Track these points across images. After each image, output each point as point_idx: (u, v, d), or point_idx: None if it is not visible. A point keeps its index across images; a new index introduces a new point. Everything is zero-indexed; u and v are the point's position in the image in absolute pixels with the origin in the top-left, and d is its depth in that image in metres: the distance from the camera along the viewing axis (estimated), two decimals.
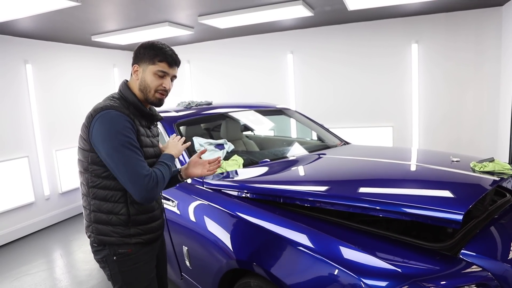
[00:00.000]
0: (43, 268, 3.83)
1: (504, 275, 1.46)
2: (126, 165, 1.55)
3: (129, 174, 1.55)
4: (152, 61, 1.69)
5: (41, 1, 3.15)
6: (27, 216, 4.89)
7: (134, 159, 1.57)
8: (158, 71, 1.70)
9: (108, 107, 1.60)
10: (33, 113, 4.95)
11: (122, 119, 1.59)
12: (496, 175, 2.01)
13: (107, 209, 1.67)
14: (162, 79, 1.72)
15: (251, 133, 4.00)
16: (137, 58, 1.73)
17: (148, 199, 1.59)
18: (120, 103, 1.67)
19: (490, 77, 4.74)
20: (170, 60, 1.71)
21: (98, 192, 1.67)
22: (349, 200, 1.78)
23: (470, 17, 4.70)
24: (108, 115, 1.58)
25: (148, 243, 1.78)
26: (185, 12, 4.15)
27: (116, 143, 1.55)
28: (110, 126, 1.57)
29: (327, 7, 4.26)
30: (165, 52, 1.70)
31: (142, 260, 1.77)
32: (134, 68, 1.74)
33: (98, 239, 1.70)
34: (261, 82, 5.93)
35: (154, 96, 1.73)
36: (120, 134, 1.56)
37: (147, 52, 1.70)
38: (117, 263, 1.71)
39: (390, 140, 5.24)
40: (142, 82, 1.72)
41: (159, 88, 1.72)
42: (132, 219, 1.70)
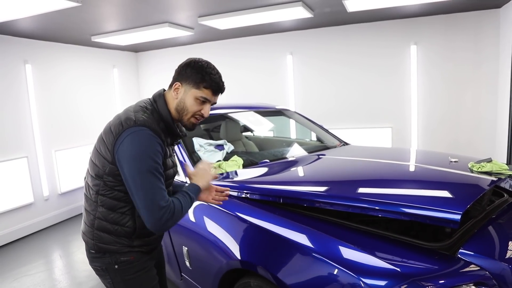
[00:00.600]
0: (42, 269, 3.83)
1: (502, 274, 1.48)
2: (147, 192, 1.46)
3: (147, 202, 1.46)
4: (197, 85, 1.59)
5: (41, 1, 3.16)
6: (26, 216, 4.89)
7: (156, 188, 1.47)
8: (201, 97, 1.60)
9: (142, 123, 1.50)
10: (32, 113, 4.95)
11: (154, 142, 1.49)
12: (494, 176, 2.03)
13: (113, 219, 1.61)
14: (202, 105, 1.62)
15: (251, 134, 4.01)
16: (181, 76, 1.62)
17: (159, 230, 1.50)
18: (152, 118, 1.57)
19: (488, 79, 4.76)
20: (216, 88, 1.62)
21: (107, 201, 1.60)
22: (348, 200, 1.80)
23: (468, 19, 4.73)
24: (141, 134, 1.48)
25: (148, 252, 1.75)
26: (185, 13, 4.16)
27: (143, 167, 1.46)
28: (141, 148, 1.47)
29: (326, 9, 4.28)
30: (213, 79, 1.60)
31: (145, 267, 1.72)
32: (175, 86, 1.62)
33: (98, 247, 1.64)
34: (260, 83, 5.94)
35: (189, 120, 1.64)
36: (150, 159, 1.47)
37: (194, 74, 1.59)
38: (120, 271, 1.65)
39: (389, 141, 5.26)
40: (180, 103, 1.61)
41: (197, 113, 1.63)
42: (137, 232, 1.64)
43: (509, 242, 1.70)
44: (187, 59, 1.66)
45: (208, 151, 2.83)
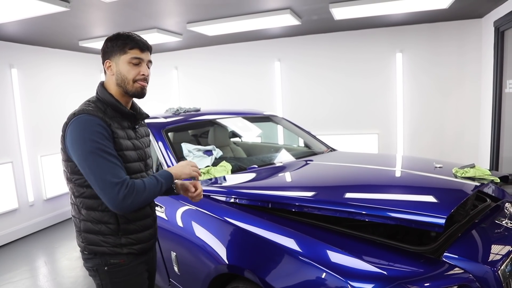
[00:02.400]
0: (26, 276, 3.77)
1: (485, 277, 1.51)
2: (95, 173, 1.46)
3: (99, 182, 1.46)
4: (123, 50, 1.61)
5: (29, 5, 3.14)
6: (11, 222, 4.80)
7: (104, 166, 1.46)
8: (132, 58, 1.61)
9: (80, 112, 1.53)
10: (18, 118, 4.88)
11: (92, 123, 1.50)
12: (477, 181, 2.07)
13: (96, 218, 1.60)
14: (138, 66, 1.63)
15: (239, 140, 4.02)
16: (107, 53, 1.65)
17: (122, 209, 1.47)
18: (95, 106, 1.59)
19: (471, 87, 4.87)
20: (141, 45, 1.64)
21: (85, 202, 1.60)
22: (336, 205, 1.82)
23: (452, 28, 4.84)
24: (79, 121, 1.51)
25: (141, 253, 1.72)
26: (174, 19, 4.17)
27: (85, 149, 1.47)
28: (79, 132, 1.49)
29: (314, 16, 4.34)
30: (134, 39, 1.63)
31: (135, 272, 1.70)
32: (107, 64, 1.65)
33: (89, 249, 1.64)
34: (249, 89, 5.97)
35: (133, 86, 1.64)
36: (89, 140, 1.47)
37: (115, 44, 1.62)
38: (109, 273, 1.64)
39: (376, 147, 5.32)
40: (118, 75, 1.63)
41: (137, 77, 1.63)
42: (122, 228, 1.63)
43: (492, 246, 1.74)
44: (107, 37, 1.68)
45: (196, 156, 2.83)
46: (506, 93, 4.16)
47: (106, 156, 1.48)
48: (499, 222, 1.89)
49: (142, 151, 1.74)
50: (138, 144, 1.73)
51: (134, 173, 1.64)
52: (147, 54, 1.67)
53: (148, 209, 1.76)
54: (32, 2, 3.05)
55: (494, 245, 1.74)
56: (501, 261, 1.58)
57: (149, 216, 1.76)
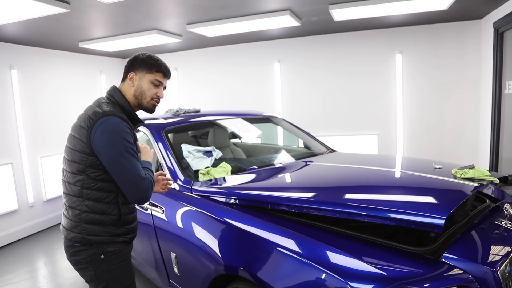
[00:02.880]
0: (26, 277, 3.77)
1: (484, 277, 1.51)
2: (130, 170, 1.65)
3: (133, 177, 1.65)
4: (150, 70, 1.83)
5: (29, 7, 3.14)
6: (10, 223, 4.80)
7: (136, 164, 1.68)
8: (155, 80, 1.85)
9: (109, 113, 1.69)
10: (18, 119, 4.89)
11: (124, 126, 1.69)
12: (476, 182, 2.07)
13: (100, 209, 1.72)
14: (157, 88, 1.87)
15: (239, 141, 4.03)
16: (134, 67, 1.85)
17: (144, 200, 1.71)
18: (116, 108, 1.77)
19: (471, 88, 4.88)
20: (166, 71, 1.88)
21: (93, 194, 1.71)
22: (335, 206, 1.82)
23: (452, 29, 4.85)
24: (112, 122, 1.67)
25: (130, 241, 1.89)
26: (173, 20, 4.18)
27: (122, 149, 1.64)
28: (114, 132, 1.66)
29: (313, 18, 4.34)
30: (161, 64, 1.87)
31: (127, 259, 1.86)
32: (130, 76, 1.84)
33: (86, 239, 1.72)
34: (248, 90, 5.97)
35: (149, 103, 1.87)
36: (124, 140, 1.66)
37: (145, 62, 1.84)
38: (105, 261, 1.76)
39: (375, 148, 5.33)
40: (138, 89, 1.84)
41: (154, 96, 1.86)
42: (122, 219, 1.78)
43: (491, 246, 1.74)
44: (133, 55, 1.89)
45: (196, 157, 2.83)
46: (505, 94, 4.17)
47: (135, 155, 1.70)
48: (499, 223, 1.89)
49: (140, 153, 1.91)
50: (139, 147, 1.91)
51: None
52: (166, 80, 1.93)
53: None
54: (32, 4, 3.05)
55: (494, 245, 1.74)
56: (501, 261, 1.58)
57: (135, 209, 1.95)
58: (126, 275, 1.85)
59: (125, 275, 1.84)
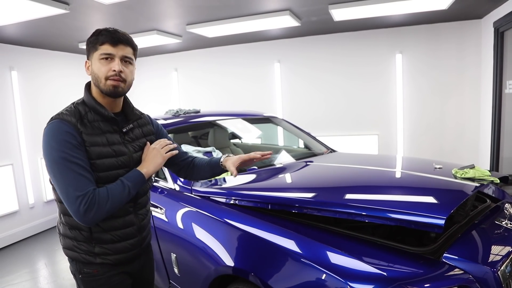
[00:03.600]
0: (27, 278, 3.77)
1: (485, 278, 1.51)
2: (60, 183, 1.39)
3: (62, 193, 1.39)
4: (95, 47, 1.49)
5: (28, 8, 3.15)
6: (11, 225, 4.81)
7: (68, 177, 1.37)
8: (102, 54, 1.47)
9: (55, 117, 1.47)
10: (18, 120, 4.89)
11: (61, 131, 1.41)
12: (477, 181, 2.07)
13: (69, 223, 1.53)
14: (109, 63, 1.48)
15: (239, 141, 4.03)
16: (87, 53, 1.55)
17: (85, 222, 1.39)
18: (74, 110, 1.50)
19: (471, 88, 4.87)
20: (113, 38, 1.47)
21: (61, 206, 1.53)
22: (335, 206, 1.82)
23: (452, 29, 4.84)
24: (50, 127, 1.44)
25: (117, 264, 1.59)
26: (173, 21, 4.18)
27: (51, 158, 1.39)
28: (48, 139, 1.42)
29: (313, 18, 4.34)
30: (106, 33, 1.48)
31: (110, 283, 1.58)
32: (86, 65, 1.56)
33: (66, 252, 1.59)
34: (248, 90, 5.97)
35: (106, 84, 1.49)
36: (55, 149, 1.39)
37: (90, 41, 1.51)
38: (82, 281, 1.58)
39: (376, 148, 5.33)
40: (92, 74, 1.52)
41: (108, 74, 1.48)
42: (94, 236, 1.52)
43: (492, 247, 1.74)
44: None
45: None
46: (506, 94, 4.16)
47: (71, 166, 1.38)
48: (499, 223, 1.89)
49: (127, 158, 1.57)
50: (122, 150, 1.56)
51: (111, 182, 1.49)
52: (121, 48, 1.49)
53: (132, 218, 1.61)
54: (32, 5, 3.05)
55: (494, 245, 1.74)
56: (501, 261, 1.58)
57: (131, 225, 1.61)
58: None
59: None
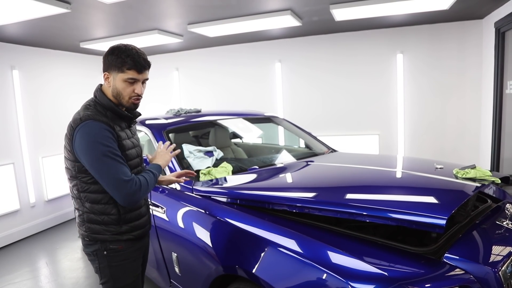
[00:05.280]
0: (28, 277, 3.77)
1: (486, 278, 1.51)
2: (108, 174, 1.63)
3: (112, 182, 1.63)
4: (121, 69, 1.71)
5: (30, 7, 3.15)
6: (12, 224, 4.81)
7: (115, 167, 1.64)
8: (128, 78, 1.73)
9: (87, 118, 1.66)
10: (19, 120, 4.89)
11: (101, 129, 1.65)
12: (478, 182, 2.07)
13: (99, 210, 1.76)
14: (133, 85, 1.75)
15: (240, 141, 4.03)
16: (106, 66, 1.76)
17: (131, 203, 1.68)
18: (96, 111, 1.73)
19: (472, 87, 4.87)
20: (139, 67, 1.73)
21: (89, 196, 1.75)
22: (336, 206, 1.82)
23: (453, 29, 4.84)
24: (87, 126, 1.65)
25: (137, 239, 1.89)
26: (174, 20, 4.18)
27: (97, 154, 1.62)
28: (90, 137, 1.63)
29: (314, 18, 4.34)
30: (133, 59, 1.70)
31: (131, 257, 1.87)
32: (105, 76, 1.77)
33: (91, 237, 1.79)
34: (249, 90, 5.97)
35: (128, 102, 1.78)
36: (100, 144, 1.63)
37: (115, 60, 1.71)
38: (107, 257, 1.80)
39: (376, 148, 5.32)
40: (114, 89, 1.76)
41: (132, 94, 1.77)
42: (122, 217, 1.80)
43: (493, 247, 1.74)
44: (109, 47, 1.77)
45: (197, 157, 2.84)
46: (506, 94, 4.16)
47: (115, 158, 1.65)
48: (500, 223, 1.89)
49: (138, 148, 1.95)
50: (135, 142, 1.93)
51: (133, 168, 1.84)
52: (143, 74, 1.77)
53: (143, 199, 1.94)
54: (33, 4, 3.05)
55: (495, 246, 1.74)
56: (502, 262, 1.58)
57: (143, 205, 1.94)
58: (127, 273, 1.87)
59: (126, 273, 1.86)
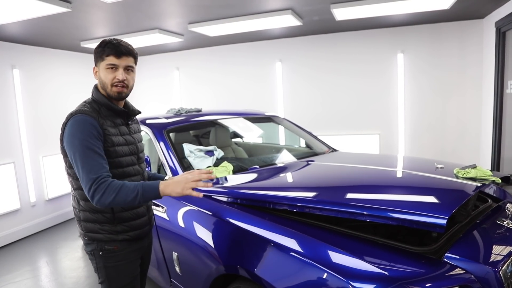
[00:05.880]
0: (28, 276, 3.77)
1: (486, 277, 1.51)
2: (82, 165, 1.60)
3: (81, 175, 1.61)
4: (101, 57, 1.74)
5: (30, 6, 3.15)
6: (13, 223, 4.81)
7: (88, 162, 1.60)
8: (107, 65, 1.73)
9: (76, 112, 1.69)
10: (19, 119, 4.89)
11: (85, 123, 1.65)
12: (478, 181, 2.07)
13: (93, 208, 1.75)
14: (114, 72, 1.75)
15: (240, 140, 4.03)
16: (95, 60, 1.79)
17: (97, 203, 1.57)
18: (90, 107, 1.74)
19: (473, 87, 4.87)
20: (117, 51, 1.73)
21: (82, 193, 1.72)
22: (337, 206, 1.82)
23: (453, 29, 4.84)
24: (75, 120, 1.66)
25: (134, 239, 1.85)
26: (175, 20, 4.18)
27: (74, 145, 1.62)
28: (73, 130, 1.65)
29: (315, 17, 4.34)
30: (111, 45, 1.73)
31: (127, 259, 1.84)
32: (94, 71, 1.81)
33: (88, 236, 1.79)
34: (250, 89, 5.97)
35: (111, 90, 1.77)
36: (79, 138, 1.62)
37: (97, 51, 1.76)
38: (103, 258, 1.80)
39: (377, 147, 5.32)
40: (99, 80, 1.79)
41: (113, 81, 1.75)
42: (116, 216, 1.78)
43: (493, 246, 1.74)
44: None
45: (198, 157, 2.84)
46: (507, 94, 4.16)
47: (90, 154, 1.61)
48: (500, 223, 1.89)
49: (134, 146, 1.90)
50: (131, 139, 1.88)
51: (127, 165, 1.81)
52: (124, 60, 1.75)
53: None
54: (34, 3, 3.06)
55: (496, 245, 1.74)
56: (503, 261, 1.58)
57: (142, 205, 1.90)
58: (123, 275, 1.84)
59: (121, 275, 1.83)
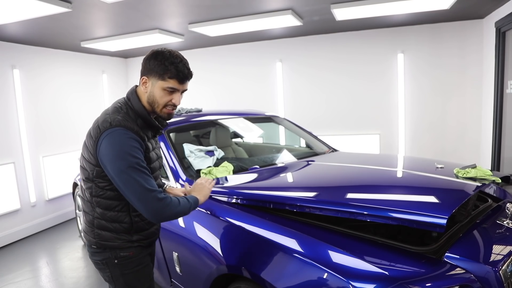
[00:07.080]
0: (28, 276, 3.78)
1: (486, 277, 1.51)
2: (135, 186, 1.52)
3: (138, 194, 1.52)
4: (162, 76, 1.61)
5: (30, 6, 3.15)
6: (13, 223, 4.81)
7: (142, 180, 1.53)
8: (168, 87, 1.62)
9: (117, 124, 1.56)
10: (20, 119, 4.89)
11: (130, 140, 1.55)
12: (478, 181, 2.08)
13: (110, 217, 1.69)
14: (171, 94, 1.65)
15: (241, 140, 4.03)
16: (146, 70, 1.65)
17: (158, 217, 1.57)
18: (128, 117, 1.62)
19: (473, 87, 4.87)
20: (182, 77, 1.63)
21: (102, 202, 1.67)
22: (337, 206, 1.82)
23: (453, 29, 4.84)
24: (117, 134, 1.54)
25: (148, 245, 1.84)
26: (175, 20, 4.18)
27: (124, 165, 1.51)
28: (118, 146, 1.53)
29: (315, 17, 4.34)
30: (177, 68, 1.61)
31: (143, 263, 1.81)
32: (143, 80, 1.66)
33: (100, 244, 1.71)
34: (250, 89, 5.97)
35: (162, 111, 1.68)
36: (129, 155, 1.52)
37: (157, 66, 1.61)
38: (119, 266, 1.73)
39: (377, 147, 5.33)
40: (150, 96, 1.65)
41: (168, 103, 1.66)
42: (134, 227, 1.73)
43: (493, 246, 1.74)
44: (150, 50, 1.66)
45: (198, 157, 2.84)
46: (507, 94, 4.16)
47: (142, 170, 1.55)
48: (500, 223, 1.89)
49: (160, 160, 1.88)
50: (158, 153, 1.85)
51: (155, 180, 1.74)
52: (184, 85, 1.68)
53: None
54: (34, 3, 3.06)
55: (496, 245, 1.74)
56: (503, 261, 1.58)
57: None
58: (142, 279, 1.80)
59: (140, 280, 1.79)
